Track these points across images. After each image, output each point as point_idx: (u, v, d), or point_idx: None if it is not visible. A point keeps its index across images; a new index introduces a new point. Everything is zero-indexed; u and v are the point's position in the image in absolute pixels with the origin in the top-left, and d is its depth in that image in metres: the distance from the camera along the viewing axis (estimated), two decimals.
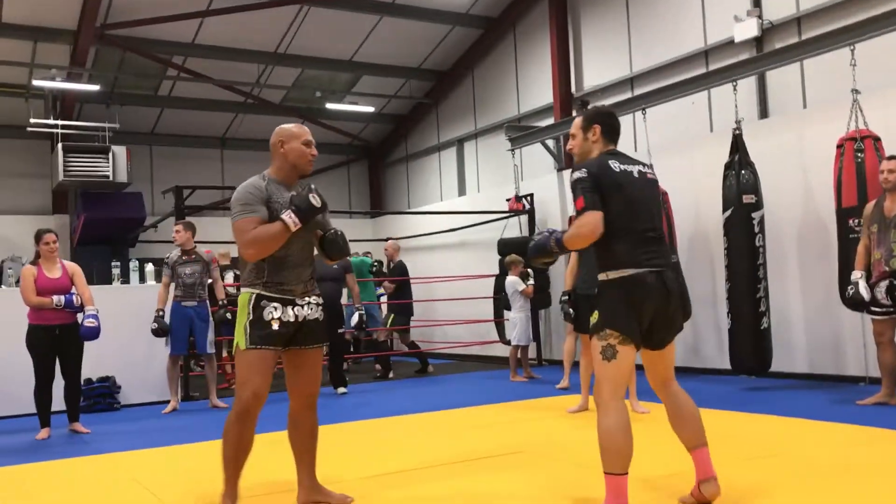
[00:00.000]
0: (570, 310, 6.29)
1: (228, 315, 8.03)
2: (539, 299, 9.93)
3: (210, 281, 7.99)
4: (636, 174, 3.41)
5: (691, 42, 9.58)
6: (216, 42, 12.21)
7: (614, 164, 3.36)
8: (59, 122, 11.90)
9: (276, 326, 3.50)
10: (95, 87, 11.91)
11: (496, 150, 12.76)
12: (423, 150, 15.18)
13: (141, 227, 12.67)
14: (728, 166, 7.41)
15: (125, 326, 7.84)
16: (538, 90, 12.00)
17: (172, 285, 7.73)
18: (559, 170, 11.07)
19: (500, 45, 12.90)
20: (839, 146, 6.53)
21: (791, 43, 7.97)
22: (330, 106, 13.82)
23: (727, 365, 7.85)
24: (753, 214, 7.24)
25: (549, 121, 11.46)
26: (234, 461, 3.49)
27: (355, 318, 8.41)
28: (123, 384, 8.20)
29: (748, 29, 8.63)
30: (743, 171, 7.29)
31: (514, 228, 11.08)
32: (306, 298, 3.60)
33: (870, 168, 6.37)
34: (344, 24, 12.20)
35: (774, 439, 4.90)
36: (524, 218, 11.06)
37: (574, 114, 10.87)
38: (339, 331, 8.50)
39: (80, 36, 10.98)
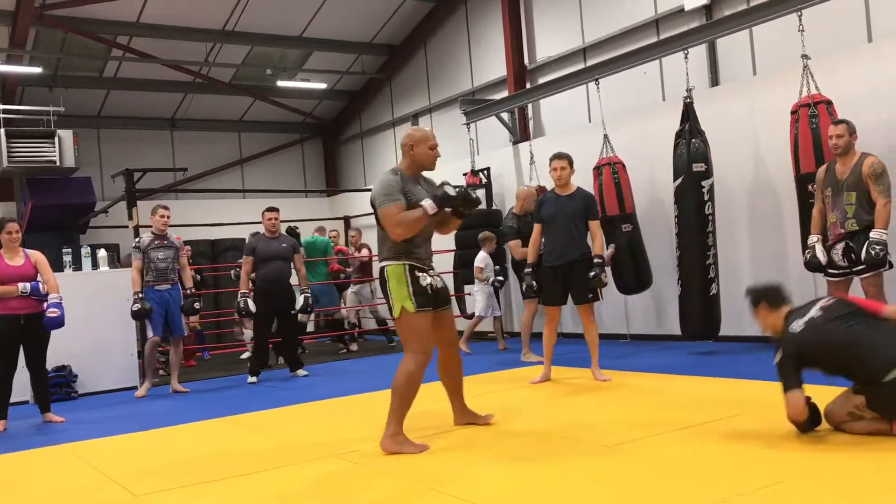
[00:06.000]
0: (534, 282, 6.32)
1: (197, 304, 7.98)
2: (497, 273, 9.94)
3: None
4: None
5: (642, 11, 9.61)
6: (161, 21, 11.91)
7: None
8: (1, 107, 11.53)
9: (430, 291, 4.33)
10: (37, 70, 11.56)
11: (452, 123, 12.69)
12: (377, 125, 15.06)
13: (91, 213, 12.39)
14: (679, 135, 7.48)
15: (81, 314, 7.67)
16: (491, 63, 11.95)
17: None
18: (514, 143, 11.07)
19: (452, 18, 12.80)
20: (793, 112, 6.61)
21: (740, 10, 8.03)
22: (281, 83, 13.60)
23: (666, 330, 7.98)
24: (703, 183, 7.33)
25: (504, 94, 11.43)
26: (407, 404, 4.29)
27: (301, 301, 8.28)
28: (80, 373, 8.06)
29: None
30: (693, 140, 7.36)
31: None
32: (433, 270, 4.45)
33: (825, 133, 6.44)
34: None
35: (730, 400, 5.00)
36: (481, 192, 11.05)
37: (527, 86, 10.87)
38: (292, 312, 8.35)
39: (18, 17, 10.61)
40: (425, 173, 4.58)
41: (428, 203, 4.23)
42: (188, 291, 7.93)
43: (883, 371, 3.59)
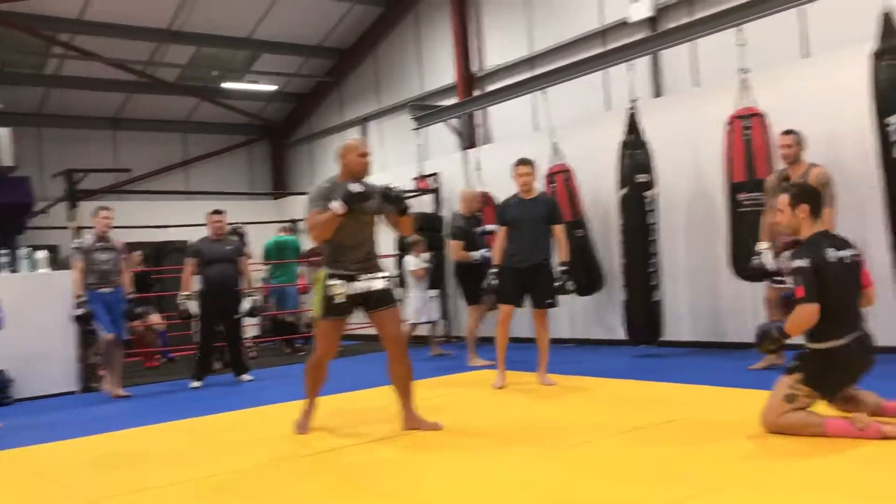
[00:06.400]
0: (497, 282, 6.30)
1: (138, 309, 7.85)
2: (435, 278, 9.94)
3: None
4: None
5: (588, 22, 9.80)
6: (105, 18, 11.71)
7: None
8: None
9: (343, 299, 4.61)
10: None
11: (401, 128, 12.73)
12: (326, 129, 15.00)
13: (29, 213, 12.06)
14: (624, 145, 7.65)
15: (18, 317, 7.46)
16: (440, 69, 12.03)
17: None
18: (463, 149, 11.15)
19: (401, 24, 12.85)
20: (729, 123, 6.82)
21: (683, 23, 8.25)
22: (228, 85, 13.48)
23: (611, 335, 8.16)
24: (646, 193, 7.53)
25: (453, 99, 11.51)
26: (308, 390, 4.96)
27: (246, 304, 8.18)
28: (17, 377, 7.84)
29: (642, 9, 8.91)
30: (637, 151, 7.55)
31: (415, 206, 11.12)
32: (369, 273, 4.69)
33: (757, 144, 6.68)
34: (240, 0, 11.90)
35: (676, 404, 5.12)
36: (428, 197, 11.08)
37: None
38: (236, 316, 8.24)
39: None
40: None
41: (334, 204, 4.51)
42: (130, 295, 7.80)
43: (828, 336, 3.82)
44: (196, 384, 7.98)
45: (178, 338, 11.67)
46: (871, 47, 6.10)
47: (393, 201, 4.70)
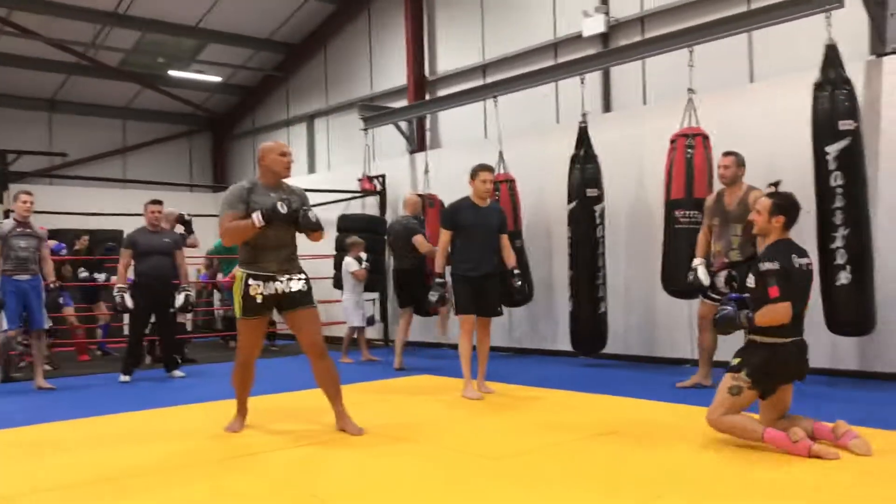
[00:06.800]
0: (446, 293, 6.27)
1: (61, 299, 7.55)
2: (372, 281, 9.88)
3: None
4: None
5: (542, 34, 9.86)
6: None
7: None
8: None
9: (259, 301, 4.60)
10: None
11: (349, 128, 12.62)
12: (271, 123, 14.79)
13: None
14: (574, 159, 7.72)
15: None
16: (391, 71, 11.96)
17: None
18: (411, 152, 11.11)
19: (354, 23, 12.74)
20: (672, 141, 6.94)
21: (635, 41, 8.37)
22: (173, 73, 13.16)
23: (560, 346, 8.21)
24: (595, 207, 7.62)
25: (402, 101, 11.46)
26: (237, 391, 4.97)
27: (181, 299, 7.98)
28: None
29: (596, 24, 8.99)
30: (588, 165, 7.63)
31: (357, 206, 11.05)
32: (286, 275, 4.64)
33: (698, 164, 6.81)
34: None
35: (617, 416, 5.17)
36: (371, 199, 11.01)
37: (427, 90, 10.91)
38: (171, 310, 8.03)
39: None
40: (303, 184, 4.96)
41: (255, 216, 4.49)
42: (51, 285, 7.49)
43: (775, 333, 4.04)
44: (125, 378, 7.74)
45: (115, 330, 11.36)
46: (815, 77, 6.28)
47: (305, 227, 4.65)
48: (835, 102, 6.16)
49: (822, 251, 6.16)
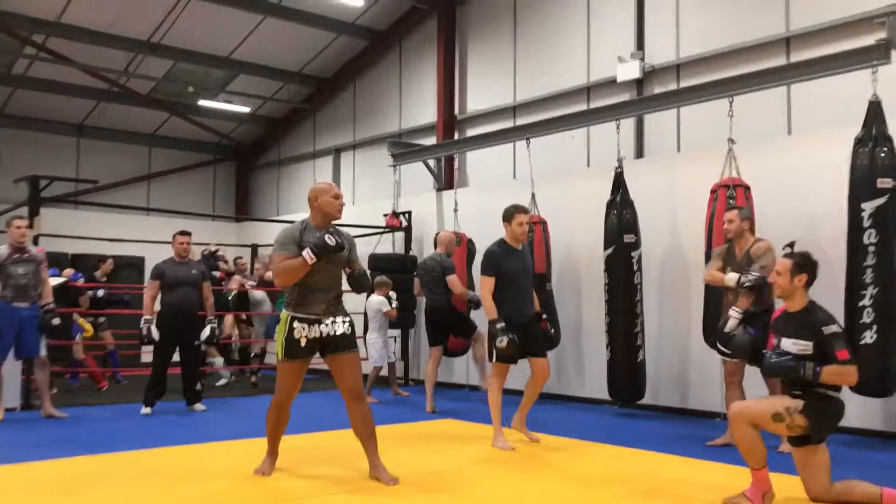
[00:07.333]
0: (515, 337, 5.74)
1: (56, 320, 7.42)
2: (405, 319, 9.84)
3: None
4: None
5: (575, 77, 9.86)
6: (83, 23, 11.43)
7: None
8: None
9: (303, 344, 4.58)
10: None
11: (374, 163, 12.64)
12: (297, 155, 14.83)
13: None
14: (610, 204, 7.65)
15: None
16: (420, 108, 12.00)
17: None
18: (438, 190, 11.08)
19: (384, 59, 12.82)
20: (713, 191, 6.85)
21: (671, 89, 8.35)
22: (204, 103, 13.24)
23: (587, 393, 8.08)
24: (633, 253, 7.53)
25: (430, 139, 11.48)
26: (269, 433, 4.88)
27: (206, 332, 7.93)
28: None
29: (631, 70, 8.99)
30: (624, 211, 7.55)
31: (387, 244, 10.98)
32: (331, 318, 4.60)
33: None
34: (225, 19, 11.76)
35: (649, 475, 5.03)
36: (399, 234, 10.97)
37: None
38: (196, 343, 7.96)
39: None
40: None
41: (306, 252, 4.46)
42: (47, 306, 7.37)
43: (833, 387, 4.10)
44: (146, 410, 7.66)
45: (127, 358, 11.27)
46: (855, 132, 6.21)
47: (357, 285, 4.85)
48: (874, 159, 6.09)
49: (848, 309, 6.06)
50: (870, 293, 5.99)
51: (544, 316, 6.25)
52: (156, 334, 7.58)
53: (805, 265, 4.18)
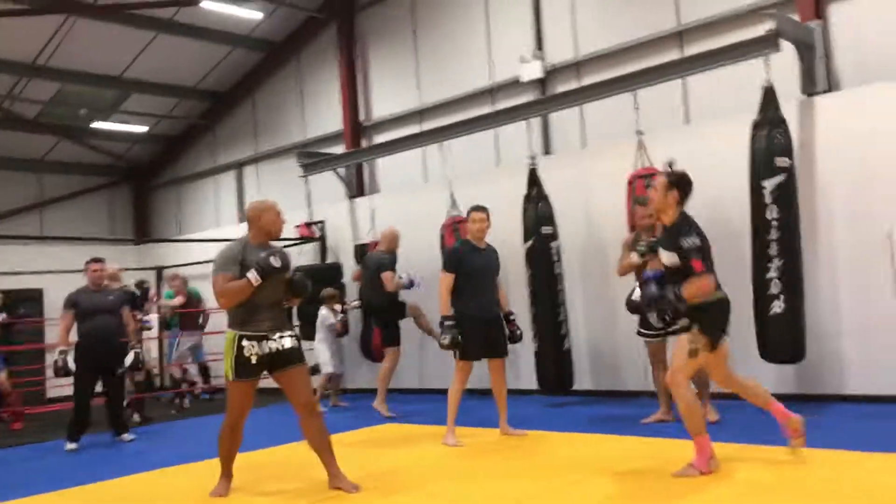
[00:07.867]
0: (460, 335, 5.90)
1: None
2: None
3: None
4: None
5: (478, 79, 10.04)
6: None
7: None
8: None
9: (254, 361, 4.52)
10: None
11: (280, 175, 12.50)
12: (197, 172, 14.48)
13: None
14: (527, 198, 7.88)
15: None
16: (325, 116, 11.95)
17: None
18: (351, 197, 11.08)
19: (283, 70, 12.69)
20: (630, 182, 7.16)
21: (573, 87, 8.64)
22: (97, 125, 12.76)
23: (522, 385, 8.29)
24: (552, 244, 7.77)
25: (337, 147, 11.47)
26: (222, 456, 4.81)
27: (130, 357, 7.69)
28: None
29: (533, 70, 9.26)
30: (540, 204, 7.81)
31: (308, 255, 10.91)
32: (280, 332, 4.59)
33: None
34: (114, 38, 11.37)
35: (602, 454, 5.24)
36: (314, 245, 10.90)
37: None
38: (119, 371, 7.70)
39: None
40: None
41: (251, 274, 4.44)
42: None
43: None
44: (72, 446, 7.35)
45: (30, 395, 10.72)
46: (752, 117, 6.62)
47: (296, 291, 4.81)
48: (771, 140, 6.52)
49: (756, 281, 6.46)
50: (775, 265, 6.41)
51: (512, 316, 6.34)
52: (72, 365, 7.31)
53: (677, 183, 4.53)
